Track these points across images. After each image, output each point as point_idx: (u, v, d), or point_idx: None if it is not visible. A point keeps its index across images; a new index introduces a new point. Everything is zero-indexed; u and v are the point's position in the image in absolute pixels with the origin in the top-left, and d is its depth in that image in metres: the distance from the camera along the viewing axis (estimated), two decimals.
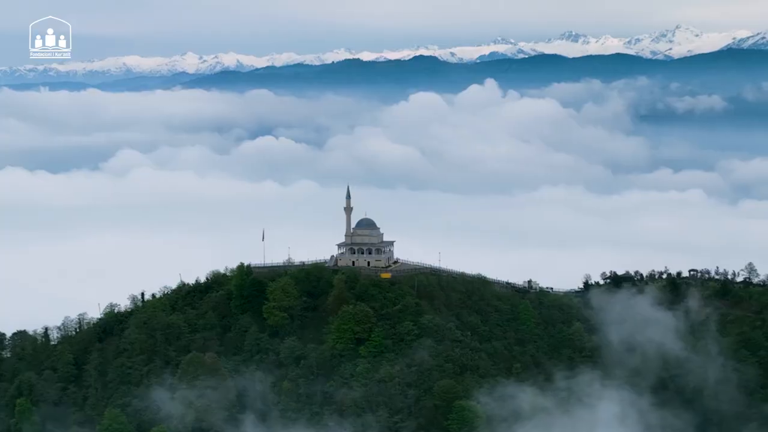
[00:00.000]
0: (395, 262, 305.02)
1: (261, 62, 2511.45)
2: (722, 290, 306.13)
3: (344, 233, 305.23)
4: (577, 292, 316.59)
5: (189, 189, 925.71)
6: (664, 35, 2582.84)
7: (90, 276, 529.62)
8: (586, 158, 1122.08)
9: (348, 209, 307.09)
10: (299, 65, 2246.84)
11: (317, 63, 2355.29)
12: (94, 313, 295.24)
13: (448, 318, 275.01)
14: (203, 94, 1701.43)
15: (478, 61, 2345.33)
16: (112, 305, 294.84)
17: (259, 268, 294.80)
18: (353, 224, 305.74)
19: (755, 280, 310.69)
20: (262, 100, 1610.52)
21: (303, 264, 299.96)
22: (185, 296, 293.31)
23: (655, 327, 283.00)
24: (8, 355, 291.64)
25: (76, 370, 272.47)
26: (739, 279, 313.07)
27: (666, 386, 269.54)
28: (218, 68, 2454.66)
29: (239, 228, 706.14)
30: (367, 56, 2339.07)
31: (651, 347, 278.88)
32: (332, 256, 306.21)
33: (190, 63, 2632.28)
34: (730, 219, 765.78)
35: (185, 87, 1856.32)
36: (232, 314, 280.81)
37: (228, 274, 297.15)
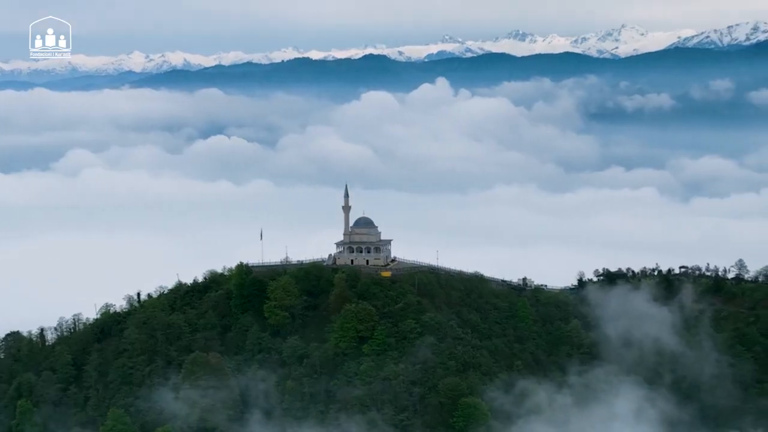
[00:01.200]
0: (393, 261, 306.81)
1: (209, 61, 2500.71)
2: (715, 287, 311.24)
3: (342, 232, 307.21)
4: (571, 289, 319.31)
5: (143, 189, 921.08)
6: (610, 34, 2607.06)
7: (50, 277, 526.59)
8: (538, 157, 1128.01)
9: (346, 208, 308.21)
10: (248, 64, 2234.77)
11: (265, 62, 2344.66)
12: (89, 314, 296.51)
13: (449, 316, 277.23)
14: (152, 93, 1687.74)
15: (426, 59, 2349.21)
16: (107, 305, 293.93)
17: (257, 267, 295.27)
18: (351, 223, 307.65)
19: (746, 277, 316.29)
20: (212, 99, 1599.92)
21: (300, 263, 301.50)
22: (184, 296, 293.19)
23: (650, 323, 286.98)
24: (1, 356, 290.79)
25: (74, 370, 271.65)
26: (730, 276, 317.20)
27: (663, 381, 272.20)
28: (165, 67, 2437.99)
29: (200, 227, 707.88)
30: (315, 55, 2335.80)
31: (647, 343, 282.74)
32: (330, 254, 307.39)
33: (137, 62, 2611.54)
34: (684, 217, 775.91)
35: (134, 86, 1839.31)
36: (232, 314, 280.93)
37: (225, 273, 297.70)
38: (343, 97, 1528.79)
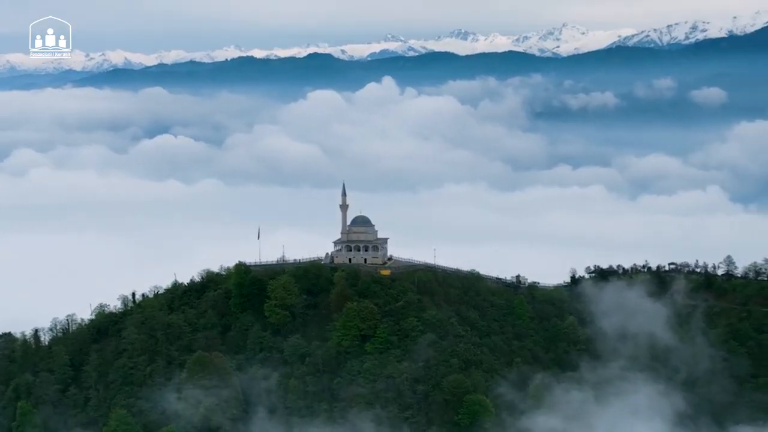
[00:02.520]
0: (389, 259, 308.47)
1: (150, 60, 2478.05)
2: (706, 283, 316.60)
3: (340, 231, 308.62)
4: (564, 286, 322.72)
5: (92, 188, 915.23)
6: (551, 33, 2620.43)
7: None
8: (486, 155, 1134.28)
9: (344, 207, 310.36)
10: (191, 63, 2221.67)
11: (207, 60, 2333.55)
12: (83, 314, 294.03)
13: (449, 313, 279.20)
14: (96, 93, 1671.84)
15: (369, 58, 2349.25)
16: (102, 306, 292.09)
17: (254, 266, 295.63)
18: (348, 222, 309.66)
19: (738, 273, 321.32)
20: (156, 98, 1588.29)
21: (296, 261, 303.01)
22: (181, 296, 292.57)
23: (645, 319, 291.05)
24: None
25: (72, 371, 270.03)
26: (719, 272, 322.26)
27: (661, 376, 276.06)
28: (106, 66, 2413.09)
29: (153, 227, 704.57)
30: (257, 54, 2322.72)
31: (642, 338, 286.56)
32: (327, 253, 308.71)
33: (77, 60, 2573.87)
34: (633, 214, 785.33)
35: (76, 85, 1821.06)
36: (232, 313, 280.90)
37: (223, 273, 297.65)
38: (289, 96, 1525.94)
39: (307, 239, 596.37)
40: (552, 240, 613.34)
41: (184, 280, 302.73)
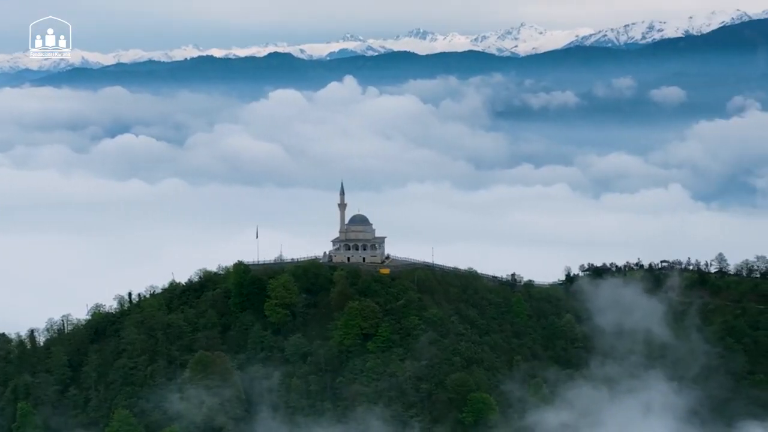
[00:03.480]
0: (387, 258, 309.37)
1: (108, 59, 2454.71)
2: (700, 280, 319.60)
3: (338, 229, 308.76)
4: (560, 283, 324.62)
5: (55, 188, 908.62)
6: (509, 33, 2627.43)
7: None
8: (449, 154, 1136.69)
9: (342, 205, 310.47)
10: (150, 62, 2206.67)
11: (166, 60, 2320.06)
12: (79, 314, 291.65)
13: (449, 312, 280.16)
14: (54, 92, 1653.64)
15: (328, 58, 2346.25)
16: (98, 306, 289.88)
17: (253, 265, 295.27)
18: (346, 221, 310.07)
19: (730, 271, 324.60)
20: (116, 97, 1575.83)
21: (293, 261, 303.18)
22: (180, 295, 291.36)
23: (641, 316, 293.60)
24: None
25: (71, 371, 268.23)
26: (712, 270, 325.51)
27: (661, 373, 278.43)
28: (63, 65, 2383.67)
29: (119, 226, 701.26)
30: (216, 53, 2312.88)
31: (640, 336, 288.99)
32: (325, 252, 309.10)
33: (34, 59, 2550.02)
34: (599, 212, 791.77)
35: (35, 85, 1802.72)
36: (231, 312, 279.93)
37: (220, 272, 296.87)
38: (250, 95, 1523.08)
39: (279, 238, 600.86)
40: (520, 239, 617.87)
41: (159, 279, 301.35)
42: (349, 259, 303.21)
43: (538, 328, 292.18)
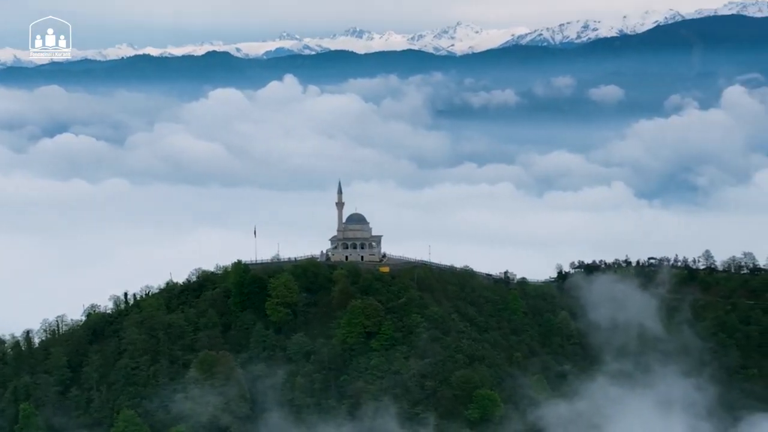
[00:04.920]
0: (384, 256, 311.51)
1: (41, 58, 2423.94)
2: (689, 277, 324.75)
3: (336, 228, 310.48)
4: (552, 281, 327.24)
5: None
6: (445, 32, 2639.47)
7: None
8: (392, 153, 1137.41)
9: (340, 204, 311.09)
10: (85, 61, 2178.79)
11: (100, 59, 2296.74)
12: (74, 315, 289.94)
13: (449, 310, 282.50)
14: None
15: (265, 57, 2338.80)
16: (93, 306, 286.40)
17: (252, 264, 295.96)
18: (344, 219, 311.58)
19: (720, 267, 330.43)
20: (53, 96, 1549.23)
21: (290, 260, 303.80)
22: (179, 295, 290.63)
23: (634, 313, 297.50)
24: None
25: (70, 372, 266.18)
26: (699, 266, 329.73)
27: (661, 369, 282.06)
28: None
29: (66, 227, 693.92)
30: (151, 52, 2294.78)
31: (634, 332, 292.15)
32: (322, 251, 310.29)
33: None
34: (545, 211, 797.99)
35: None
36: (231, 312, 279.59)
37: (218, 272, 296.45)
38: (188, 94, 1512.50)
39: (231, 238, 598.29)
40: (472, 237, 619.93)
41: (115, 281, 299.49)
42: (347, 257, 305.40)
43: (534, 325, 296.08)
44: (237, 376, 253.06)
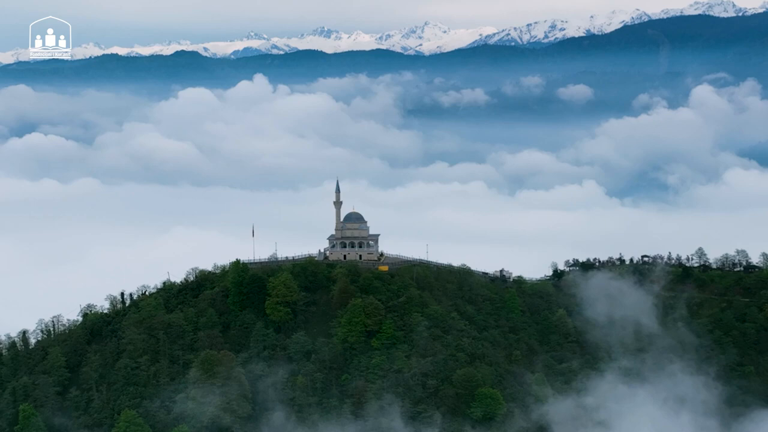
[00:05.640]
0: (381, 255, 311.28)
1: (6, 57, 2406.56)
2: (684, 274, 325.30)
3: (334, 227, 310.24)
4: (548, 279, 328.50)
5: None
6: (413, 31, 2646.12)
7: None
8: (363, 152, 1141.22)
9: (338, 203, 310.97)
10: (53, 60, 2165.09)
11: (67, 57, 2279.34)
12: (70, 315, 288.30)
13: (449, 308, 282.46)
14: None
15: (233, 56, 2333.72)
16: (90, 306, 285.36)
17: (251, 264, 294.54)
18: (341, 218, 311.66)
19: (712, 265, 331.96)
20: (21, 96, 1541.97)
21: (287, 259, 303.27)
22: (177, 295, 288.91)
23: (631, 311, 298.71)
24: None
25: (68, 372, 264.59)
26: (693, 264, 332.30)
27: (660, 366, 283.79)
28: None
29: (39, 226, 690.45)
30: (119, 51, 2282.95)
31: (630, 330, 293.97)
32: (320, 250, 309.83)
33: None
34: (517, 209, 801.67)
35: None
36: (230, 311, 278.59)
37: (215, 271, 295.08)
38: (158, 93, 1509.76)
39: (207, 237, 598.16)
40: (448, 236, 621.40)
41: (94, 279, 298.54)
42: (345, 256, 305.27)
43: (532, 323, 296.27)
44: (238, 375, 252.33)
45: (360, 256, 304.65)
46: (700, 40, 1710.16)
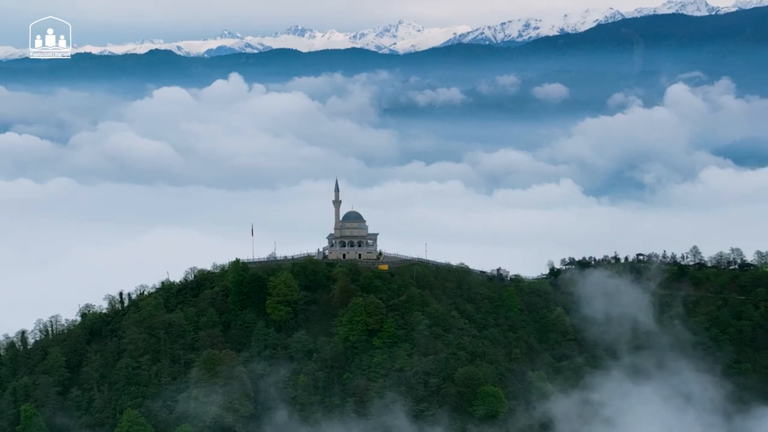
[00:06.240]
0: (380, 254, 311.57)
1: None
2: (679, 273, 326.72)
3: (333, 226, 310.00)
4: (545, 277, 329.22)
5: None
6: (387, 30, 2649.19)
7: None
8: (339, 151, 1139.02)
9: (336, 202, 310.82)
10: (25, 59, 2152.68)
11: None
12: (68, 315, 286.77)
13: (449, 307, 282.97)
14: None
15: (207, 55, 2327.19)
16: (88, 306, 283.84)
17: (250, 263, 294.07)
18: (340, 217, 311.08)
19: (707, 263, 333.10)
20: None
21: (286, 258, 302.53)
22: (177, 294, 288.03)
23: (628, 309, 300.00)
24: None
25: (68, 372, 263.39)
26: (688, 262, 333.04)
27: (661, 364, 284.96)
28: None
29: (16, 226, 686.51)
30: (92, 50, 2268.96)
31: (627, 328, 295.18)
32: (318, 249, 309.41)
33: None
34: (496, 208, 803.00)
35: None
36: (230, 310, 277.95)
37: (214, 270, 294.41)
38: (132, 92, 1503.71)
39: (188, 237, 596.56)
40: (427, 236, 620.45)
41: (76, 279, 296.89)
42: (344, 255, 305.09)
43: (530, 321, 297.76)
44: (240, 374, 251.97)
45: (359, 255, 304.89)
46: (673, 39, 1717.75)
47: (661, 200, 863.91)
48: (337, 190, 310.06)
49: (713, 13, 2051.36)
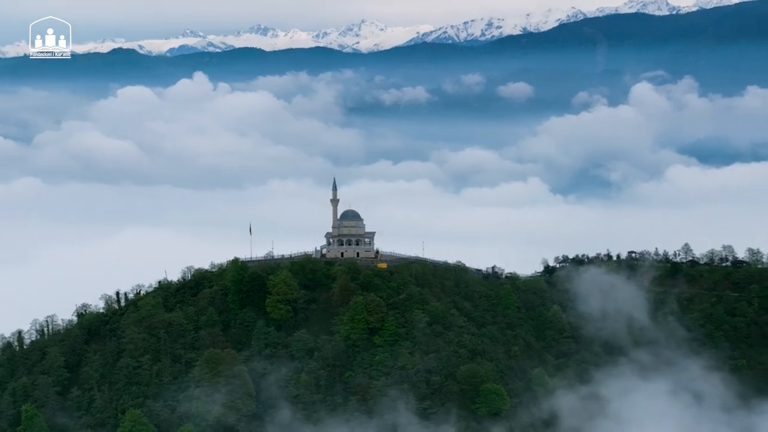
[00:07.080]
0: (377, 253, 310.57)
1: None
2: (673, 270, 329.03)
3: (331, 225, 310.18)
4: (540, 275, 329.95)
5: None
6: (350, 29, 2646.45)
7: None
8: (305, 150, 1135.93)
9: (334, 201, 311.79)
10: None
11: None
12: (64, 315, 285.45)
13: (448, 305, 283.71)
14: None
15: (169, 54, 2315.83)
16: (85, 306, 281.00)
17: (248, 262, 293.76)
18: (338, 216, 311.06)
19: (699, 260, 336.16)
20: None
21: (283, 257, 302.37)
22: (175, 293, 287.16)
23: (623, 306, 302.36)
24: None
25: (67, 372, 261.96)
26: (680, 260, 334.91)
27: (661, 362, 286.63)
28: None
29: None
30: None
31: (624, 324, 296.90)
32: (316, 248, 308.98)
33: None
34: (464, 206, 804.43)
35: None
36: (230, 309, 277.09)
37: (213, 270, 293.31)
38: (95, 92, 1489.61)
39: (159, 236, 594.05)
40: (400, 235, 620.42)
41: (47, 279, 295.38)
42: (342, 254, 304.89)
43: (527, 319, 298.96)
44: (242, 374, 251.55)
45: (357, 253, 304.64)
46: (636, 38, 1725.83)
47: (627, 198, 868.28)
48: (334, 188, 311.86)
49: (674, 12, 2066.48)
